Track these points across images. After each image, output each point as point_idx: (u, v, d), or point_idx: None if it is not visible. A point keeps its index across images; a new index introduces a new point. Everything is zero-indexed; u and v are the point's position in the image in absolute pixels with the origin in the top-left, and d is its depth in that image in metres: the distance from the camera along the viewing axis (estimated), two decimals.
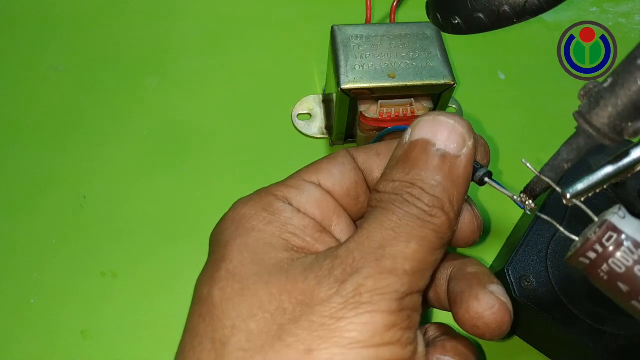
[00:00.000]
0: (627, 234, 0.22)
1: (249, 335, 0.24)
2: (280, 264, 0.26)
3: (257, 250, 0.26)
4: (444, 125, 0.26)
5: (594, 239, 0.22)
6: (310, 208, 0.28)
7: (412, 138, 0.26)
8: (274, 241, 0.27)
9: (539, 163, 0.49)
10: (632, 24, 0.57)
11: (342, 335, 0.23)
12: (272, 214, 0.27)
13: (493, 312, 0.27)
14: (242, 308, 0.24)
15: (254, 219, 0.27)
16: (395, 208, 0.25)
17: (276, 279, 0.25)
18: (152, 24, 0.56)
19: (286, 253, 0.26)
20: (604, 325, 0.36)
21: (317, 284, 0.24)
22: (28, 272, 0.43)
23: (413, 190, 0.25)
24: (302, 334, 0.23)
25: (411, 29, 0.41)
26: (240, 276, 0.25)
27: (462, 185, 0.26)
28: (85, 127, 0.49)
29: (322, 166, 0.30)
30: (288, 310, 0.24)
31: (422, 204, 0.25)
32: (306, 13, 0.57)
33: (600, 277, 0.23)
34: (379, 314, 0.23)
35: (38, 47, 0.54)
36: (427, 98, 0.40)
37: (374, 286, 0.24)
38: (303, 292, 0.24)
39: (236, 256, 0.26)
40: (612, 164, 0.25)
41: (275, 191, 0.28)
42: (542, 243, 0.39)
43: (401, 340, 0.24)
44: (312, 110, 0.50)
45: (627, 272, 0.22)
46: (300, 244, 0.27)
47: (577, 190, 0.25)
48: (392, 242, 0.24)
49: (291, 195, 0.28)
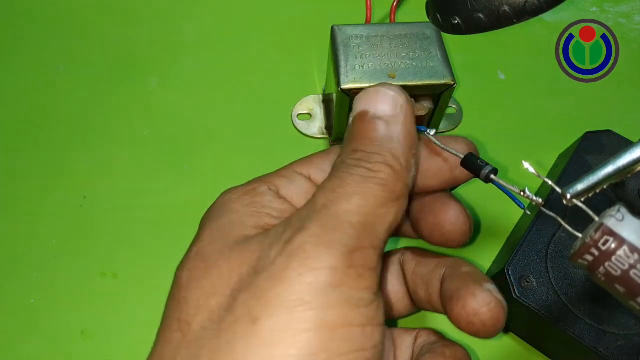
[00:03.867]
0: (624, 238, 0.22)
1: (210, 313, 0.24)
2: (246, 239, 0.26)
3: (227, 229, 0.27)
4: (373, 93, 0.27)
5: (590, 242, 0.22)
6: (296, 198, 0.28)
7: (352, 115, 0.27)
8: (246, 220, 0.27)
9: (538, 164, 0.49)
10: (632, 24, 0.57)
11: (286, 298, 0.22)
12: (253, 197, 0.28)
13: (490, 308, 0.27)
14: (206, 286, 0.25)
15: (235, 202, 0.28)
16: (339, 173, 0.25)
17: (238, 252, 0.25)
18: (152, 24, 0.56)
19: (255, 230, 0.26)
20: (604, 325, 0.36)
21: (268, 248, 0.24)
22: (28, 272, 0.43)
23: (356, 155, 0.25)
24: (250, 302, 0.23)
25: (411, 29, 0.41)
26: (206, 255, 0.26)
27: (403, 139, 0.26)
28: (85, 127, 0.49)
29: (314, 160, 0.30)
30: (244, 281, 0.24)
31: (364, 163, 0.25)
32: (306, 13, 0.57)
33: (598, 278, 0.23)
34: (324, 271, 0.23)
35: (38, 47, 0.54)
36: (427, 98, 0.40)
37: (317, 242, 0.23)
38: (257, 259, 0.24)
39: (207, 237, 0.27)
40: (612, 164, 0.25)
41: (266, 178, 0.29)
42: (542, 243, 0.39)
43: (351, 300, 0.23)
44: (312, 110, 0.50)
45: (623, 275, 0.22)
46: (274, 223, 0.27)
47: (577, 190, 0.25)
48: (336, 200, 0.24)
49: (280, 184, 0.29)
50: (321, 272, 0.23)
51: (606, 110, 0.53)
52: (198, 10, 0.57)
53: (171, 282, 0.43)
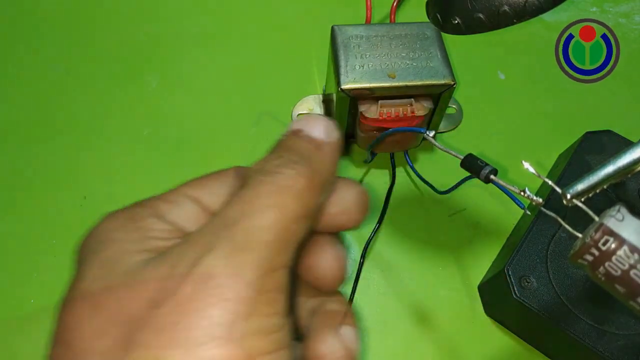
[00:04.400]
0: (624, 238, 0.22)
1: (100, 356, 0.21)
2: (134, 268, 0.23)
3: (112, 262, 0.24)
4: (312, 118, 0.27)
5: (590, 242, 0.22)
6: (185, 224, 0.26)
7: (286, 131, 0.27)
8: (132, 247, 0.24)
9: (538, 164, 0.49)
10: (632, 24, 0.57)
11: (193, 334, 0.20)
12: (136, 222, 0.25)
13: (336, 357, 0.26)
14: (93, 328, 0.22)
15: (116, 231, 0.25)
16: (254, 183, 0.23)
17: (128, 286, 0.22)
18: (152, 24, 0.56)
19: (145, 254, 0.24)
20: (604, 325, 0.36)
21: (168, 274, 0.22)
22: (28, 272, 0.43)
23: (277, 161, 0.24)
24: (150, 340, 0.21)
25: (411, 29, 0.41)
26: (91, 294, 0.23)
27: (327, 163, 0.26)
28: (86, 127, 0.49)
29: (206, 182, 0.28)
30: (138, 316, 0.21)
31: (283, 169, 0.24)
32: (306, 13, 0.57)
33: (598, 278, 0.23)
34: (235, 301, 0.21)
35: (38, 47, 0.54)
36: (427, 98, 0.39)
37: (227, 265, 0.21)
38: (155, 289, 0.22)
39: (89, 274, 0.24)
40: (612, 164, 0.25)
41: (149, 203, 0.26)
42: (542, 243, 0.39)
43: (263, 329, 0.22)
44: (312, 111, 0.49)
45: (623, 275, 0.22)
46: (165, 245, 0.24)
47: (577, 190, 0.25)
48: (247, 214, 0.22)
49: (166, 209, 0.26)
50: (232, 302, 0.21)
51: (606, 110, 0.52)
52: (198, 10, 0.57)
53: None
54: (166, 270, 0.22)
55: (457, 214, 0.46)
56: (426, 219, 0.46)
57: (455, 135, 0.49)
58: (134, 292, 0.22)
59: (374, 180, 0.47)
